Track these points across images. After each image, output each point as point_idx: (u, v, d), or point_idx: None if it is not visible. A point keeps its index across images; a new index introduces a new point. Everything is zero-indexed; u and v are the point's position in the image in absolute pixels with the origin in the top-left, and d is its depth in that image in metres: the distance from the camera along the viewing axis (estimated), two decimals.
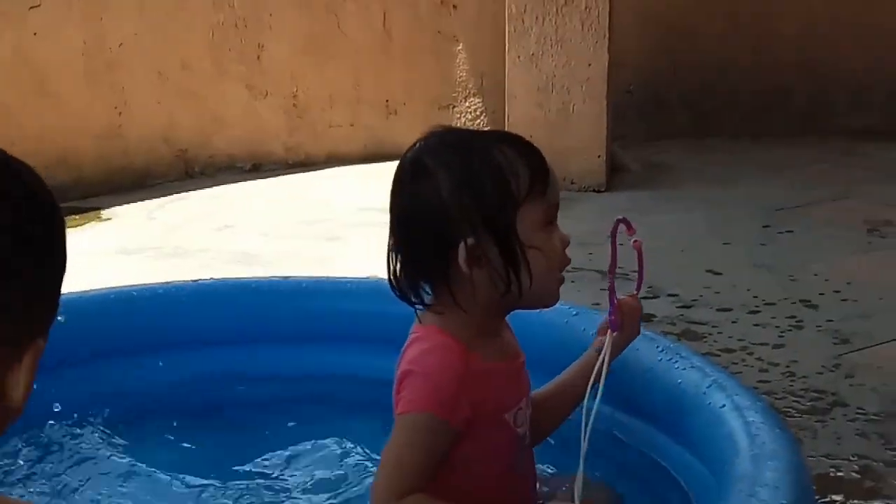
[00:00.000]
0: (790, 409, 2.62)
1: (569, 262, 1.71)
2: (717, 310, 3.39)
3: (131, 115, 5.32)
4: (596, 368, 1.75)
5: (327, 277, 2.59)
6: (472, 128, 1.60)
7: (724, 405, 1.72)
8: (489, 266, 1.61)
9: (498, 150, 1.64)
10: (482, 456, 1.66)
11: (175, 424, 2.20)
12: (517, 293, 1.63)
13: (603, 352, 1.77)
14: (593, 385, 1.72)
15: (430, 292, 1.66)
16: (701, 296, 3.53)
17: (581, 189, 5.05)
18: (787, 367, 2.90)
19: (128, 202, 5.03)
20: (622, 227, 1.80)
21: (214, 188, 5.30)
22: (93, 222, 4.73)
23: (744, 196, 4.90)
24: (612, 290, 1.82)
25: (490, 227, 1.61)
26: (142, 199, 5.08)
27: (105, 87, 5.23)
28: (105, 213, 4.87)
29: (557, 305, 2.20)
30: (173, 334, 2.34)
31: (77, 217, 4.79)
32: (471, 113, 6.10)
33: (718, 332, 3.19)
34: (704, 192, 5.03)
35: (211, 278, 2.63)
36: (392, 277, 1.67)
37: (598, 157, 5.11)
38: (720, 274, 3.77)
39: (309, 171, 5.60)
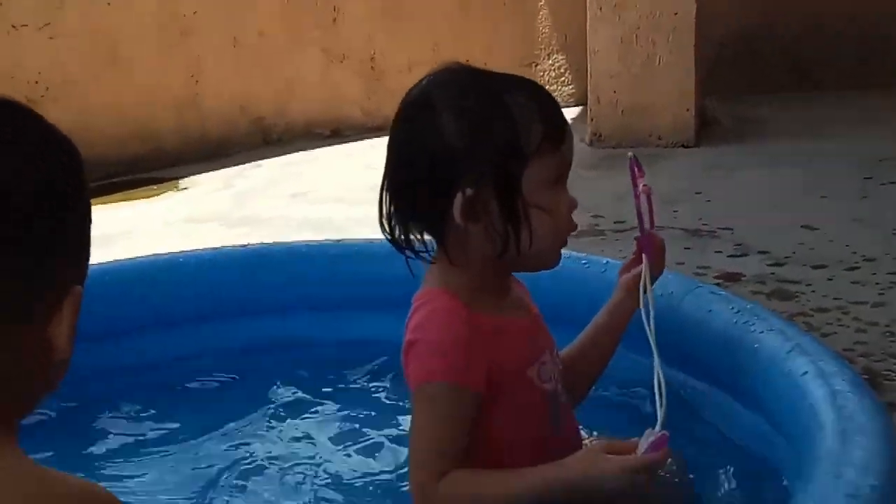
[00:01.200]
0: (889, 372, 2.41)
1: (574, 227, 1.56)
2: (812, 267, 3.18)
3: (207, 83, 5.26)
4: (646, 296, 1.60)
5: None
6: (498, 73, 1.45)
7: (806, 372, 1.54)
8: (487, 221, 1.48)
9: (513, 96, 1.49)
10: (515, 422, 1.52)
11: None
12: (514, 253, 1.49)
13: (643, 278, 1.63)
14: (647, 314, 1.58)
15: (420, 240, 1.54)
16: (794, 253, 3.31)
17: (668, 145, 4.85)
18: (888, 326, 2.68)
19: (206, 171, 4.98)
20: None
21: (292, 155, 5.22)
22: (170, 192, 4.70)
23: (843, 148, 4.63)
24: (639, 213, 1.65)
25: (493, 180, 1.47)
26: (220, 168, 5.03)
27: (179, 56, 5.18)
28: (183, 182, 4.83)
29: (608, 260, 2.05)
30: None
31: (155, 187, 4.77)
32: (554, 71, 5.91)
33: (812, 291, 2.98)
34: (801, 145, 4.77)
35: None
36: (383, 220, 1.54)
37: (687, 111, 4.87)
38: (816, 229, 3.54)
39: (388, 135, 5.48)
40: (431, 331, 1.48)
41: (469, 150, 1.46)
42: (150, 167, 5.03)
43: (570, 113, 5.87)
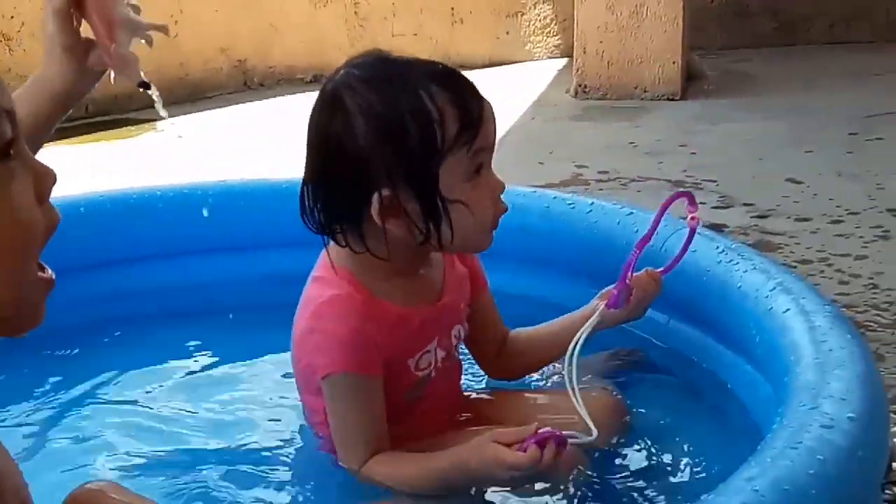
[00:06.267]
0: (871, 323, 2.39)
1: (503, 210, 1.51)
2: (796, 219, 3.15)
3: (187, 23, 5.16)
4: (574, 340, 1.54)
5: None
6: (406, 56, 1.39)
7: (788, 309, 1.51)
8: (406, 219, 1.46)
9: (426, 90, 1.44)
10: None
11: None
12: (437, 245, 1.49)
13: (587, 324, 1.57)
14: (570, 360, 1.52)
15: (342, 233, 1.51)
16: (778, 205, 3.28)
17: (654, 97, 4.80)
18: (871, 278, 2.66)
19: (184, 114, 4.91)
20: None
21: (272, 100, 5.15)
22: (148, 133, 4.62)
23: (829, 103, 4.59)
24: (628, 266, 1.60)
25: (408, 179, 1.44)
26: (198, 111, 4.96)
27: None
28: (160, 124, 4.75)
29: (608, 205, 2.03)
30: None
31: (133, 128, 4.69)
32: (539, 21, 5.83)
33: (796, 243, 2.95)
34: (787, 100, 4.73)
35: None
36: (305, 213, 1.51)
37: (673, 63, 4.82)
38: (801, 183, 3.51)
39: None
40: (331, 321, 1.49)
41: (382, 151, 1.43)
42: (129, 108, 4.94)
43: (555, 64, 5.83)
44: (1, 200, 0.82)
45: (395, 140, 1.42)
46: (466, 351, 1.74)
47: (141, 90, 1.58)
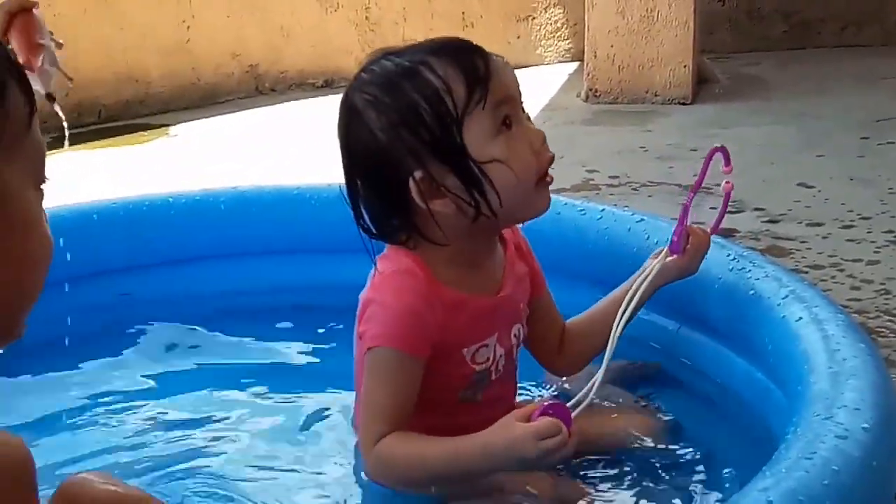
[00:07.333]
0: (883, 329, 2.39)
1: (548, 159, 1.52)
2: (808, 224, 3.14)
3: (199, 29, 5.18)
4: (633, 288, 1.58)
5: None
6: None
7: (800, 318, 1.51)
8: (450, 194, 1.48)
9: (425, 67, 1.47)
10: (429, 385, 1.51)
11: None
12: (490, 213, 1.49)
13: (645, 271, 1.60)
14: (625, 310, 1.55)
15: (399, 230, 1.54)
16: (790, 210, 3.28)
17: (665, 101, 4.80)
18: (882, 284, 2.66)
19: (197, 118, 4.92)
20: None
21: (284, 104, 5.16)
22: (161, 138, 4.64)
23: (840, 107, 4.59)
24: (685, 209, 1.63)
25: (436, 155, 1.46)
26: (211, 116, 4.97)
27: (171, 1, 5.10)
28: (173, 129, 4.77)
29: (618, 212, 2.03)
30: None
31: (145, 133, 4.71)
32: (551, 25, 5.84)
33: (807, 248, 2.95)
34: (798, 104, 4.72)
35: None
36: (358, 223, 1.54)
37: (685, 67, 4.82)
38: (812, 187, 3.51)
39: None
40: (388, 294, 1.50)
41: (401, 136, 1.46)
42: (141, 113, 4.97)
43: (566, 68, 5.83)
44: (38, 225, 0.92)
45: (409, 121, 1.46)
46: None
47: (47, 100, 1.70)
